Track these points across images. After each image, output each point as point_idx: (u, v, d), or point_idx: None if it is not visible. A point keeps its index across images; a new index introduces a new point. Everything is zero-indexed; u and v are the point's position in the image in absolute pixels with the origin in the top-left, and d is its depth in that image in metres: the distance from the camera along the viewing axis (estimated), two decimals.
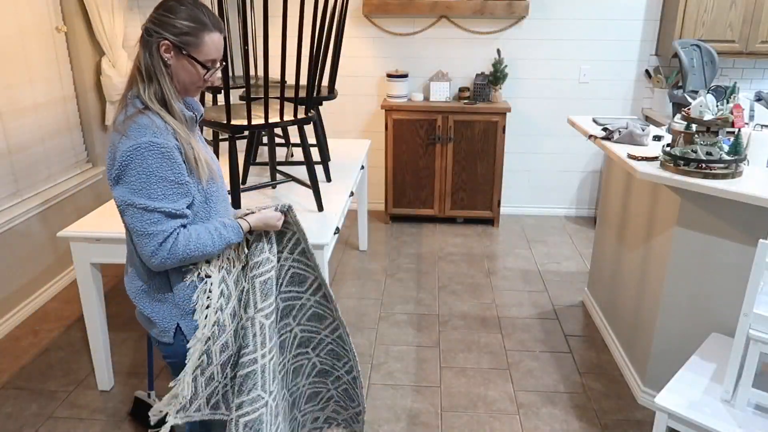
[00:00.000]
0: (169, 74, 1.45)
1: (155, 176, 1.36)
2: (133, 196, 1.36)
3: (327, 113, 4.65)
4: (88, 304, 2.42)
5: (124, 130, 1.38)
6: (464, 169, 4.34)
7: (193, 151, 1.45)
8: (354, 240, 4.24)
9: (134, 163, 1.35)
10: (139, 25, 1.49)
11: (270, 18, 4.52)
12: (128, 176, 1.36)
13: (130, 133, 1.37)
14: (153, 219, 1.38)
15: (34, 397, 2.55)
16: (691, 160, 2.12)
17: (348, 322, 3.15)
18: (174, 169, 1.39)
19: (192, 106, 1.60)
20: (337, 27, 2.90)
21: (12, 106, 3.10)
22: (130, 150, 1.35)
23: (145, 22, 1.45)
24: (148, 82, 1.44)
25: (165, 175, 1.38)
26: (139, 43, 1.47)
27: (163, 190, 1.38)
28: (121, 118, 1.41)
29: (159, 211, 1.38)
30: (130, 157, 1.35)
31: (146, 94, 1.42)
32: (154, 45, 1.43)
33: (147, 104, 1.42)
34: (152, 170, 1.36)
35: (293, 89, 3.13)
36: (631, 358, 2.66)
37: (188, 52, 1.44)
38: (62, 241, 3.51)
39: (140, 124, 1.38)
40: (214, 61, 1.48)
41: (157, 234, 1.38)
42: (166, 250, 1.39)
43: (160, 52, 1.43)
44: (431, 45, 4.44)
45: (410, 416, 2.44)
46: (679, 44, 3.33)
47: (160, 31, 1.42)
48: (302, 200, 2.70)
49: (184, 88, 1.50)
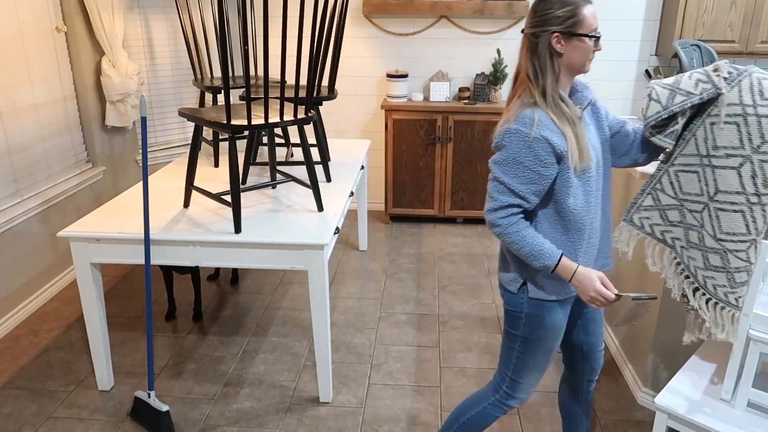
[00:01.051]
0: (556, 68, 1.58)
1: (514, 159, 1.56)
2: (496, 167, 1.59)
3: (327, 113, 4.65)
4: (88, 304, 2.42)
5: (512, 116, 1.58)
6: (464, 169, 4.34)
7: (575, 140, 1.56)
8: (354, 240, 4.24)
9: (505, 142, 1.57)
10: (139, 25, 1.49)
11: (270, 18, 4.53)
12: (500, 153, 1.59)
13: (512, 119, 1.57)
14: (500, 189, 1.59)
15: (34, 397, 2.55)
16: None
17: (348, 322, 3.15)
18: (531, 158, 1.55)
19: (581, 93, 1.70)
20: (337, 27, 2.90)
21: (12, 106, 3.10)
22: (505, 132, 1.57)
23: (526, 29, 1.58)
24: (535, 84, 1.58)
25: (523, 161, 1.56)
26: (522, 49, 1.60)
27: (516, 171, 1.56)
28: (514, 109, 1.59)
29: (506, 185, 1.58)
30: (504, 138, 1.57)
31: (537, 94, 1.58)
32: (544, 43, 1.55)
33: (536, 101, 1.57)
34: (513, 153, 1.56)
35: (293, 89, 3.14)
36: (631, 358, 2.66)
37: (577, 32, 1.54)
38: (62, 241, 3.51)
39: (523, 116, 1.55)
40: (595, 30, 1.57)
41: (496, 200, 1.60)
42: (495, 217, 1.60)
43: (551, 46, 1.55)
44: (431, 45, 4.44)
45: (410, 416, 2.44)
46: (679, 44, 3.33)
47: (547, 28, 1.55)
48: (302, 200, 2.70)
49: (579, 68, 1.60)
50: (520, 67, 1.62)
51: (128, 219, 2.44)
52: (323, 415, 2.45)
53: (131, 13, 3.87)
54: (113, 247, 2.33)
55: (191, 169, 2.54)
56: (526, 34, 1.59)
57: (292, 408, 2.49)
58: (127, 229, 2.33)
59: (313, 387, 2.62)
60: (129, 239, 2.30)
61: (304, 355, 2.85)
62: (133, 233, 2.29)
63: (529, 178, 1.56)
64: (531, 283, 1.69)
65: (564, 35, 1.54)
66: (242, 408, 2.48)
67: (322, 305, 2.36)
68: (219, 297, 3.42)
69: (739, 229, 1.61)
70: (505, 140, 1.57)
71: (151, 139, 4.29)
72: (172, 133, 4.40)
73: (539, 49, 1.56)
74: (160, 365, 2.77)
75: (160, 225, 2.38)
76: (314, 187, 2.54)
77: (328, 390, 2.51)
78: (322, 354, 2.44)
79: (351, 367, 2.77)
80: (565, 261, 1.60)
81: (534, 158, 1.54)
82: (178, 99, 4.34)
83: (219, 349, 2.91)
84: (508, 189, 1.58)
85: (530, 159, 1.54)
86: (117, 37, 3.62)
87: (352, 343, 2.96)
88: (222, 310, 3.27)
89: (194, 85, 3.57)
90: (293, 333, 3.05)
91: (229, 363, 2.79)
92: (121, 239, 2.30)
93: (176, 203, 2.64)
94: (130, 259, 2.34)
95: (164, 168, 3.18)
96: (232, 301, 3.37)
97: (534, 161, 1.55)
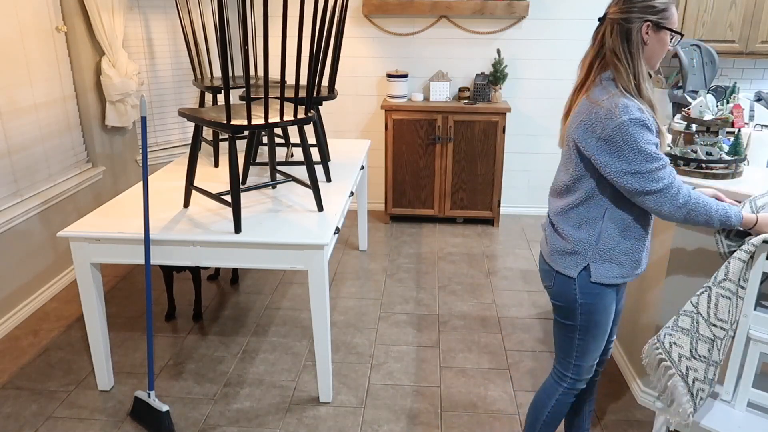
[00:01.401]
0: (642, 54, 1.63)
1: (638, 145, 1.57)
2: (635, 155, 1.58)
3: (327, 113, 4.65)
4: (88, 304, 2.42)
5: (612, 107, 1.58)
6: (464, 169, 4.34)
7: (656, 125, 1.62)
8: (354, 240, 4.24)
9: (621, 135, 1.57)
10: (139, 25, 1.49)
11: (270, 18, 4.52)
12: (619, 149, 1.58)
13: (616, 110, 1.57)
14: (655, 166, 1.58)
15: (34, 397, 2.55)
16: (691, 160, 2.12)
17: (348, 322, 3.15)
18: (650, 136, 1.59)
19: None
20: (337, 27, 2.90)
21: (12, 106, 3.10)
22: (620, 125, 1.56)
23: (616, 14, 1.62)
24: (625, 68, 1.61)
25: (646, 140, 1.58)
26: (612, 33, 1.63)
27: (648, 146, 1.58)
28: (603, 96, 1.61)
29: (653, 160, 1.58)
30: (621, 131, 1.57)
31: (624, 80, 1.61)
32: (636, 30, 1.60)
33: (625, 89, 1.61)
34: (636, 141, 1.57)
35: (293, 89, 3.14)
36: (631, 358, 2.66)
37: (666, 25, 1.62)
38: (62, 241, 3.51)
39: (625, 105, 1.57)
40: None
41: (661, 179, 1.58)
42: (675, 194, 1.60)
43: (641, 34, 1.61)
44: (431, 45, 4.44)
45: (410, 416, 2.44)
46: (679, 44, 3.33)
47: (643, 15, 1.60)
48: (302, 200, 2.70)
49: (654, 61, 1.68)
50: (604, 50, 1.65)
51: (128, 219, 2.44)
52: (323, 415, 2.45)
53: (131, 13, 3.86)
54: (113, 247, 2.33)
55: (191, 169, 2.54)
56: (615, 20, 1.63)
57: (292, 408, 2.49)
58: (127, 229, 2.33)
59: (313, 387, 2.62)
60: (129, 239, 2.30)
61: (304, 355, 2.85)
62: (133, 233, 2.29)
63: (655, 146, 1.60)
64: (595, 267, 1.71)
65: (654, 25, 1.61)
66: (242, 408, 2.48)
67: (322, 305, 2.36)
68: (219, 297, 3.42)
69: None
70: (624, 132, 1.56)
71: (151, 139, 4.29)
72: (172, 133, 4.40)
73: (633, 35, 1.61)
74: (160, 365, 2.77)
75: (160, 225, 2.38)
76: (314, 187, 2.54)
77: (328, 390, 2.51)
78: (322, 354, 2.44)
79: (351, 367, 2.77)
80: (743, 211, 1.69)
81: (651, 135, 1.59)
82: (178, 99, 4.34)
83: (219, 349, 2.91)
84: (657, 159, 1.58)
85: (649, 136, 1.58)
86: (117, 37, 3.62)
87: (352, 343, 2.96)
88: (222, 310, 3.27)
89: (194, 85, 3.57)
90: (293, 333, 3.05)
91: (229, 363, 2.79)
92: (121, 239, 2.30)
93: (176, 203, 2.64)
94: (130, 259, 2.34)
95: (164, 168, 3.18)
96: (232, 301, 3.37)
97: (651, 138, 1.59)
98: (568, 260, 1.74)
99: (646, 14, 1.60)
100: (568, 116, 1.75)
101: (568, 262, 1.73)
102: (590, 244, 1.70)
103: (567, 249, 1.74)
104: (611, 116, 1.57)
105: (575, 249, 1.72)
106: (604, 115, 1.59)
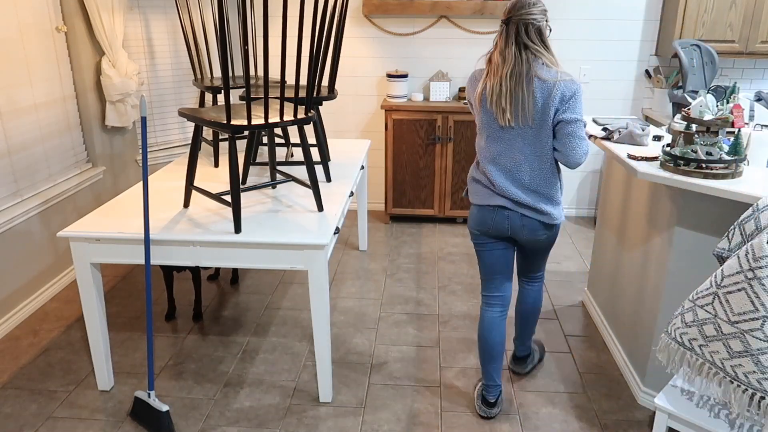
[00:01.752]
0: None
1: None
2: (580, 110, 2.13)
3: (327, 113, 4.65)
4: (88, 304, 2.42)
5: (563, 73, 2.11)
6: (464, 169, 4.34)
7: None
8: (354, 240, 4.24)
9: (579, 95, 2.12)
10: (139, 25, 1.49)
11: (270, 18, 4.53)
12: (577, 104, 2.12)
13: (566, 75, 2.11)
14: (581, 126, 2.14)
15: (34, 397, 2.55)
16: (691, 160, 2.12)
17: (348, 322, 3.15)
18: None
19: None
20: (337, 27, 2.90)
21: (12, 106, 3.10)
22: (576, 84, 2.11)
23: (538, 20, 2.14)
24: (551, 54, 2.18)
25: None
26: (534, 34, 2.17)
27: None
28: (554, 69, 2.11)
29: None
30: (578, 88, 2.11)
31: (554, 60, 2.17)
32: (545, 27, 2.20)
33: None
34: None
35: (293, 89, 3.14)
36: (631, 358, 2.66)
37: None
38: (62, 241, 3.51)
39: (568, 72, 2.13)
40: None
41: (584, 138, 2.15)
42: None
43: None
44: (431, 45, 4.44)
45: (410, 416, 2.44)
46: (679, 44, 3.33)
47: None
48: (302, 200, 2.70)
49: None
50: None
51: (128, 219, 2.44)
52: (323, 415, 2.45)
53: (131, 13, 3.87)
54: (113, 247, 2.33)
55: (191, 169, 2.54)
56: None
57: (292, 408, 2.49)
58: (127, 229, 2.33)
59: (313, 387, 2.62)
60: (129, 239, 2.30)
61: (304, 355, 2.85)
62: (133, 233, 2.29)
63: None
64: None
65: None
66: (242, 408, 2.48)
67: (322, 305, 2.36)
68: (219, 297, 3.42)
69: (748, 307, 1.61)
70: (578, 88, 2.10)
71: (151, 139, 4.29)
72: (172, 133, 4.40)
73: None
74: (160, 365, 2.77)
75: (160, 225, 2.38)
76: (314, 187, 2.54)
77: (328, 390, 2.51)
78: (322, 354, 2.44)
79: (351, 367, 2.77)
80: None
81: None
82: (178, 99, 4.34)
83: (219, 349, 2.91)
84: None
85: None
86: (117, 37, 3.62)
87: (352, 343, 2.96)
88: (222, 310, 3.27)
89: (194, 85, 3.57)
90: (293, 333, 3.05)
91: (229, 363, 2.79)
92: (121, 239, 2.30)
93: (176, 203, 2.64)
94: (130, 259, 2.34)
95: (164, 168, 3.18)
96: (232, 301, 3.37)
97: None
98: (559, 210, 2.28)
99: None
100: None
101: (560, 211, 2.28)
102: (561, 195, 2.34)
103: (556, 205, 2.26)
104: (566, 78, 2.12)
105: (560, 201, 2.30)
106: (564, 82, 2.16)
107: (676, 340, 1.75)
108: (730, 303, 1.63)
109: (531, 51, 2.07)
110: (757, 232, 1.67)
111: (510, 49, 2.07)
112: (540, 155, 2.16)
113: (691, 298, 1.74)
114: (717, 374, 1.69)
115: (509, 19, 2.07)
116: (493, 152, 2.20)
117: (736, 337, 1.64)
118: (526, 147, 2.15)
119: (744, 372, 1.63)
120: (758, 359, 1.61)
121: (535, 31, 2.06)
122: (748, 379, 1.63)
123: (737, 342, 1.64)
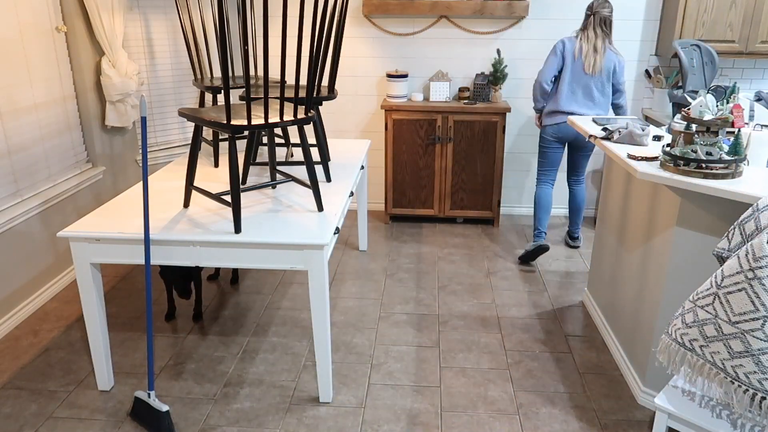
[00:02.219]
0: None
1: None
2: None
3: (327, 113, 4.65)
4: (88, 304, 2.42)
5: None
6: (464, 169, 4.35)
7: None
8: (354, 240, 4.24)
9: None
10: (139, 25, 1.49)
11: (270, 18, 4.53)
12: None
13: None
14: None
15: (34, 397, 2.55)
16: (691, 160, 2.12)
17: (348, 322, 3.16)
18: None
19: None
20: (337, 27, 2.90)
21: (12, 106, 3.10)
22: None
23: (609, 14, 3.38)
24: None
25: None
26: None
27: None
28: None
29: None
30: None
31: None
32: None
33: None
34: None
35: (293, 89, 3.14)
36: (631, 358, 2.66)
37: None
38: (62, 241, 3.51)
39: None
40: None
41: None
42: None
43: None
44: (431, 45, 4.44)
45: (410, 416, 2.45)
46: (679, 44, 3.33)
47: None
48: (302, 200, 2.70)
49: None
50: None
51: (128, 219, 2.44)
52: (323, 415, 2.45)
53: (131, 13, 3.86)
54: (113, 247, 2.33)
55: (191, 169, 2.54)
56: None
57: (292, 408, 2.49)
58: (127, 229, 2.33)
59: (313, 387, 2.62)
60: (129, 239, 2.30)
61: (304, 355, 2.86)
62: (133, 233, 2.29)
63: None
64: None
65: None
66: (242, 408, 2.48)
67: (322, 305, 2.36)
68: (219, 297, 3.42)
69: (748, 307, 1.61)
70: (625, 62, 3.54)
71: (151, 139, 4.29)
72: (172, 133, 4.40)
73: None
74: (160, 365, 2.77)
75: (160, 225, 2.38)
76: (314, 187, 2.54)
77: (328, 390, 2.51)
78: (322, 354, 2.44)
79: (351, 367, 2.77)
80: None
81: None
82: (178, 99, 4.34)
83: (219, 349, 2.91)
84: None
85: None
86: (117, 37, 3.62)
87: (352, 343, 2.96)
88: (222, 310, 3.27)
89: (194, 85, 3.57)
90: (293, 333, 3.05)
91: (229, 363, 2.79)
92: (121, 239, 2.30)
93: (176, 203, 2.65)
94: (130, 259, 2.34)
95: (164, 168, 3.18)
96: (232, 301, 3.37)
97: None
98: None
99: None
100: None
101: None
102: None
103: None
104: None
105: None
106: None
107: (677, 341, 1.75)
108: (731, 303, 1.63)
109: (606, 33, 3.52)
110: (757, 232, 1.67)
111: (596, 30, 3.50)
112: (603, 94, 3.63)
113: (691, 298, 1.74)
114: (718, 375, 1.69)
115: (595, 12, 3.48)
116: (574, 89, 3.59)
117: (736, 338, 1.64)
118: (595, 90, 3.60)
119: (745, 372, 1.63)
120: (759, 359, 1.60)
121: (609, 22, 3.51)
122: (749, 379, 1.63)
123: (738, 342, 1.64)
